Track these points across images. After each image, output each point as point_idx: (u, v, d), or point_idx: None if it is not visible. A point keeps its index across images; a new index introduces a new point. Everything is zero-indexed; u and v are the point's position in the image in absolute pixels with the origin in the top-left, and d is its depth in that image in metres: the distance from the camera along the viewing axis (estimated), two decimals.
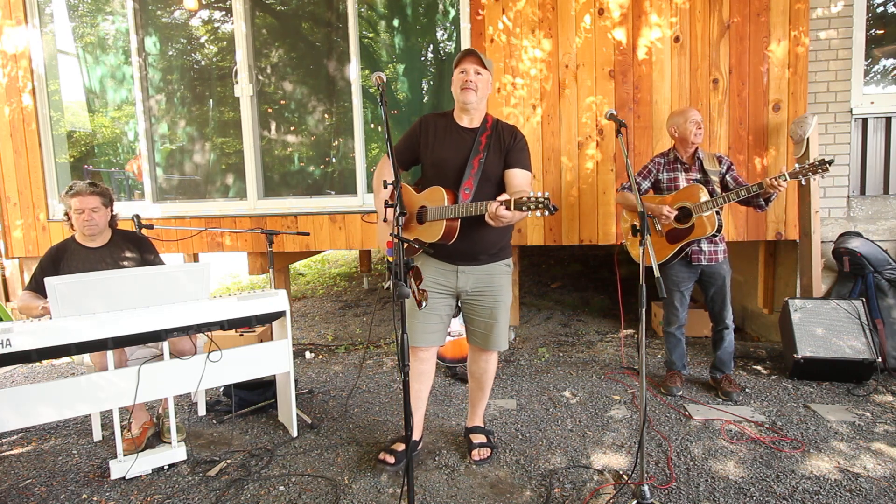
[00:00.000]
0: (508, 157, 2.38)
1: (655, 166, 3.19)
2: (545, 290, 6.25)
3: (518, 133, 2.44)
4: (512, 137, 2.41)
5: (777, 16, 3.67)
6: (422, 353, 2.50)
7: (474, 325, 2.53)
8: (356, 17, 4.16)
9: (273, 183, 4.55)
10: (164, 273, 2.57)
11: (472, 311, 2.51)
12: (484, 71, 2.34)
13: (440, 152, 2.40)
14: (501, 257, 2.49)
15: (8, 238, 4.62)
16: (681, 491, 2.26)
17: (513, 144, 2.39)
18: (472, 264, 2.42)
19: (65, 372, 4.07)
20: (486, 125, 2.42)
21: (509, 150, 2.38)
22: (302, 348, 4.44)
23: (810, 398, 3.13)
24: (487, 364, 2.59)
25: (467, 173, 2.32)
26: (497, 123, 2.44)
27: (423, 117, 2.52)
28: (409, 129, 2.54)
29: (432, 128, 2.45)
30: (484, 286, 2.45)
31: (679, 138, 3.11)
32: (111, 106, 4.72)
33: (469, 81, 2.31)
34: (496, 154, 2.38)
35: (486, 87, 2.38)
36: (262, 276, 6.46)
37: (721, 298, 3.16)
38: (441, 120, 2.47)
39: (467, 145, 2.37)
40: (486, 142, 2.37)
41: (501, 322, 2.50)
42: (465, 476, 2.43)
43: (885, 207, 3.90)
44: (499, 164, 2.38)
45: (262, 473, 2.50)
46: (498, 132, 2.41)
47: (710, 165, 3.10)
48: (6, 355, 2.21)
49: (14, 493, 2.41)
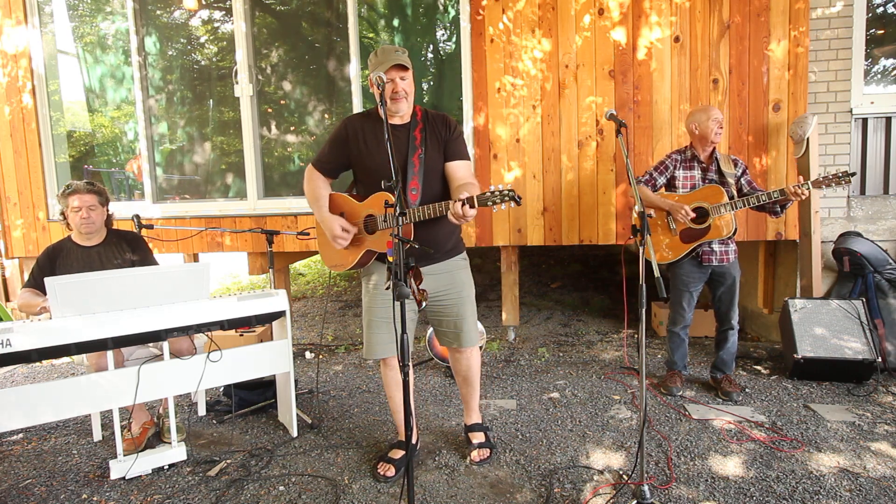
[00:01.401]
0: (447, 150, 2.31)
1: (672, 162, 3.15)
2: (545, 290, 6.25)
3: (451, 121, 2.37)
4: (446, 128, 2.34)
5: (777, 16, 3.67)
6: (392, 362, 2.48)
7: (443, 325, 2.49)
8: (356, 17, 4.16)
9: (273, 183, 4.55)
10: (164, 273, 2.58)
11: (437, 312, 2.47)
12: (408, 72, 2.25)
13: (376, 156, 2.28)
14: (456, 252, 2.45)
15: (8, 238, 4.62)
16: (681, 491, 2.26)
17: (449, 135, 2.33)
18: (428, 264, 2.33)
19: (65, 372, 4.07)
20: (417, 118, 2.34)
21: (447, 142, 2.32)
22: (302, 348, 4.44)
23: (810, 398, 3.13)
24: (469, 361, 2.55)
25: (410, 173, 2.25)
26: (426, 115, 2.36)
27: (348, 120, 2.39)
28: (334, 134, 2.41)
29: (360, 132, 2.34)
30: (445, 285, 2.40)
31: (699, 136, 3.08)
32: (111, 106, 4.72)
33: (398, 91, 2.22)
34: (434, 147, 2.31)
35: (412, 84, 2.29)
36: (262, 276, 6.45)
37: (729, 299, 3.15)
38: (368, 122, 2.35)
39: (403, 144, 2.29)
40: (420, 136, 2.30)
41: (469, 317, 2.46)
42: (465, 476, 2.43)
43: (885, 207, 3.90)
44: (438, 157, 2.31)
45: (262, 473, 2.50)
46: (431, 124, 2.33)
47: (726, 167, 3.08)
48: (6, 355, 2.21)
49: (14, 493, 2.41)
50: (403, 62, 2.20)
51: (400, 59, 2.19)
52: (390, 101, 2.24)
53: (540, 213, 4.00)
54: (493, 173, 4.02)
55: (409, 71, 2.25)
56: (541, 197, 3.99)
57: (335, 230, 2.32)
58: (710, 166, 3.12)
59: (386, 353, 2.45)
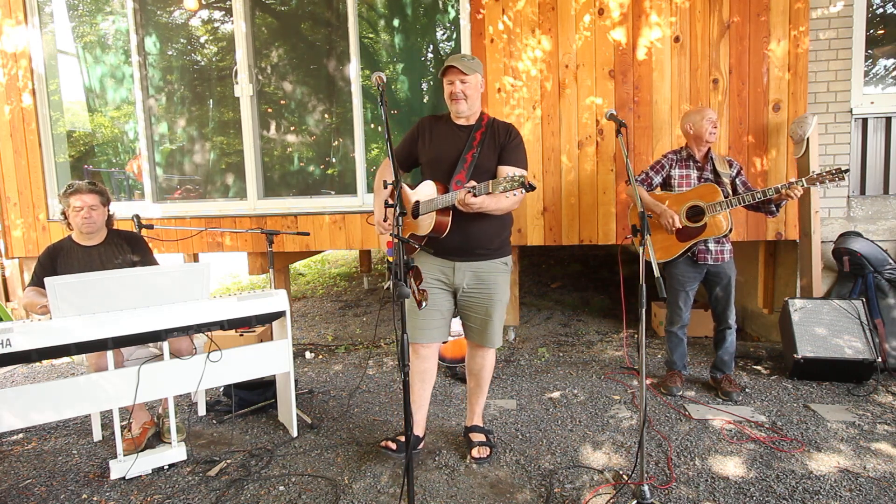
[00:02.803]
0: (503, 154, 2.42)
1: (668, 162, 3.18)
2: (545, 290, 6.25)
3: (513, 130, 2.48)
4: (507, 134, 2.44)
5: (777, 16, 3.67)
6: (423, 350, 2.51)
7: (470, 320, 2.55)
8: (356, 17, 4.16)
9: (273, 183, 4.55)
10: (165, 273, 2.58)
11: (468, 307, 2.53)
12: (469, 77, 2.37)
13: (436, 149, 2.47)
14: (499, 255, 2.49)
15: (8, 238, 4.62)
16: (681, 491, 2.26)
17: (507, 141, 2.43)
18: (467, 259, 2.43)
19: (65, 372, 4.07)
20: (482, 123, 2.47)
21: (504, 147, 2.42)
22: (302, 348, 4.44)
23: (810, 398, 3.13)
24: (485, 360, 2.60)
25: (459, 167, 2.36)
26: (493, 122, 2.49)
27: (422, 120, 2.59)
28: (408, 132, 2.60)
29: (429, 128, 2.53)
30: (480, 282, 2.46)
31: (694, 136, 3.11)
32: (111, 106, 4.72)
33: (455, 93, 2.38)
34: (490, 150, 2.41)
35: (476, 88, 2.42)
36: (262, 276, 6.46)
37: (725, 298, 3.16)
38: (438, 121, 2.55)
39: (462, 141, 2.42)
40: (480, 137, 2.42)
41: (496, 320, 2.51)
42: (465, 476, 2.43)
43: (885, 207, 3.90)
44: (493, 159, 2.41)
45: (262, 473, 2.50)
46: (493, 129, 2.45)
47: (721, 167, 3.11)
48: (6, 355, 2.21)
49: (14, 493, 2.41)
50: (460, 66, 2.33)
51: (456, 63, 2.34)
52: (450, 101, 2.41)
53: (540, 213, 4.00)
54: None
55: (470, 74, 2.35)
56: (541, 197, 3.99)
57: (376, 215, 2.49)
58: (706, 166, 3.13)
59: (420, 338, 2.48)
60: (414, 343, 2.49)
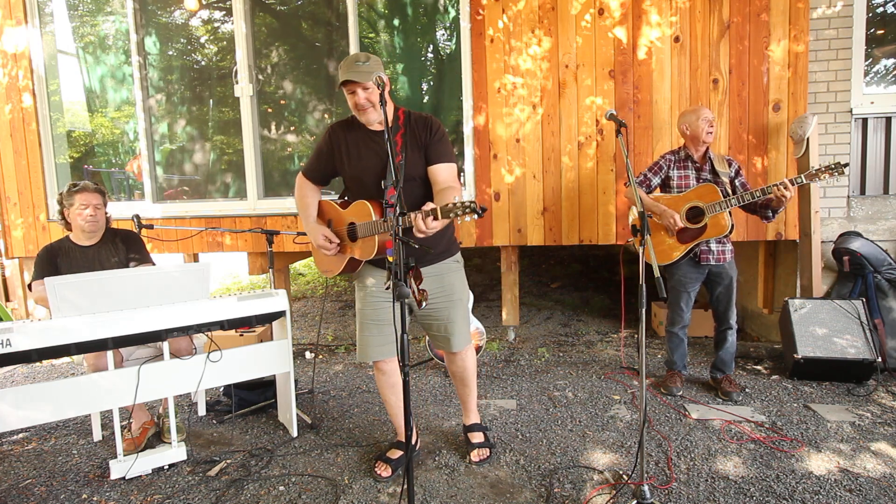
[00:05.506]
0: (429, 153, 2.25)
1: (666, 163, 3.17)
2: (545, 290, 6.25)
3: (433, 123, 2.28)
4: (427, 130, 2.26)
5: (777, 16, 3.67)
6: (384, 366, 2.44)
7: (433, 329, 2.46)
8: (356, 17, 4.16)
9: (273, 183, 4.55)
10: (165, 273, 2.58)
11: (427, 316, 2.43)
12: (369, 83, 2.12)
13: (356, 166, 2.29)
14: (448, 255, 2.41)
15: (8, 238, 4.62)
16: (681, 491, 2.26)
17: (430, 138, 2.25)
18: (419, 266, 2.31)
19: (65, 372, 4.07)
20: (399, 122, 2.27)
21: (428, 145, 2.25)
22: (302, 348, 4.44)
23: (810, 398, 3.12)
24: (464, 362, 2.52)
25: (388, 181, 2.21)
26: (409, 117, 2.29)
27: (331, 128, 2.39)
28: (319, 144, 2.41)
29: (343, 140, 2.33)
30: (435, 288, 2.34)
31: (690, 136, 3.10)
32: (111, 106, 4.72)
33: (359, 103, 2.18)
34: (415, 152, 2.24)
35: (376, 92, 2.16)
36: (262, 276, 6.45)
37: (727, 299, 3.16)
38: (351, 128, 2.33)
39: (382, 149, 2.23)
40: (401, 141, 2.24)
41: (459, 320, 2.42)
42: (465, 476, 2.43)
43: (885, 207, 3.89)
44: (419, 161, 2.25)
45: (262, 473, 2.50)
46: (412, 127, 2.27)
47: (720, 167, 3.09)
48: (6, 355, 2.21)
49: (14, 493, 2.41)
50: (353, 78, 2.10)
51: (348, 76, 2.11)
52: (357, 112, 2.22)
53: (540, 213, 4.00)
54: (493, 173, 4.02)
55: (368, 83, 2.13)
56: (541, 197, 3.99)
57: (318, 240, 2.35)
58: (704, 166, 3.13)
59: (377, 355, 2.41)
60: (374, 361, 2.42)
